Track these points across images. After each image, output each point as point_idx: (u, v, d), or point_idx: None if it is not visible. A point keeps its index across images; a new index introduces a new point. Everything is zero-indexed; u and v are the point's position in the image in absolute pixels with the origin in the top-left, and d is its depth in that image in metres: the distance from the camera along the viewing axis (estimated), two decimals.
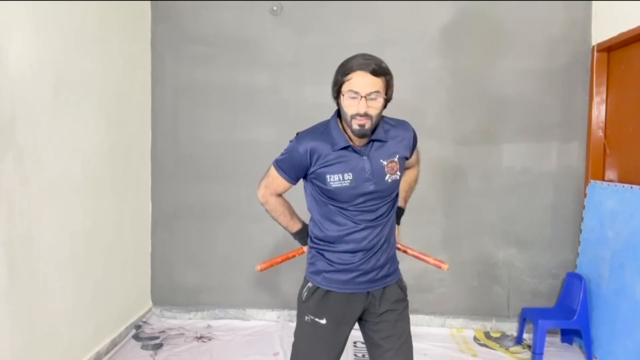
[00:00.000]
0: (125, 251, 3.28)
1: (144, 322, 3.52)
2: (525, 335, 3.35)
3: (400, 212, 1.88)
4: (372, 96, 1.50)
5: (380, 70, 1.50)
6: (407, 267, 1.86)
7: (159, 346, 3.14)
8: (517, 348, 3.27)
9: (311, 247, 1.77)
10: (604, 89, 3.31)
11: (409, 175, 1.94)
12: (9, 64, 2.06)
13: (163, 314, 3.67)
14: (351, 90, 1.50)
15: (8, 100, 2.06)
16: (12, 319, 2.12)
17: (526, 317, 3.28)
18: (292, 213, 1.82)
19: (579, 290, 3.07)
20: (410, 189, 1.98)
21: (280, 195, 1.77)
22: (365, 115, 1.50)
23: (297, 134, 1.67)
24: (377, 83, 1.50)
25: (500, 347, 3.29)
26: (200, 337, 3.33)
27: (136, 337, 3.27)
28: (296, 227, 1.82)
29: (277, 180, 1.70)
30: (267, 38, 3.52)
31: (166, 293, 3.68)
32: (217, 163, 3.60)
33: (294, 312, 3.65)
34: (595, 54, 3.30)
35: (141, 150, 3.51)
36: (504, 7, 3.41)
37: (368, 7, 3.47)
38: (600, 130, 3.33)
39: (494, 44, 3.43)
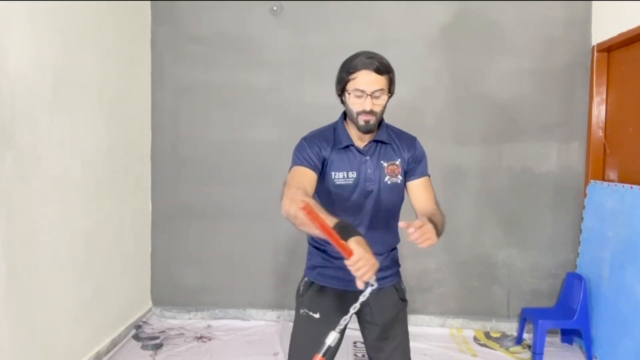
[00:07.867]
0: (125, 251, 3.28)
1: (144, 322, 3.51)
2: (525, 335, 3.35)
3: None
4: (377, 94, 1.56)
5: (383, 69, 1.56)
6: (407, 267, 1.86)
7: (159, 346, 3.14)
8: (517, 348, 3.27)
9: (309, 243, 1.80)
10: (604, 89, 3.31)
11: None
12: (9, 64, 2.06)
13: (163, 314, 3.67)
14: (357, 89, 1.56)
15: (8, 101, 2.06)
16: (12, 319, 2.12)
17: (526, 317, 3.28)
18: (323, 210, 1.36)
19: (579, 290, 3.07)
20: (437, 212, 1.63)
21: (307, 195, 1.43)
22: (371, 112, 1.57)
23: (303, 137, 1.69)
24: (381, 81, 1.56)
25: (500, 347, 3.29)
26: (200, 337, 3.33)
27: (136, 337, 3.27)
28: (335, 220, 1.31)
29: (297, 174, 1.58)
30: (267, 38, 3.52)
31: (166, 293, 3.68)
32: (217, 163, 3.60)
33: (294, 312, 3.68)
34: (595, 54, 3.30)
35: (141, 150, 3.51)
36: (503, 7, 3.40)
37: (368, 7, 3.47)
38: (600, 130, 3.33)
39: (494, 44, 3.43)
